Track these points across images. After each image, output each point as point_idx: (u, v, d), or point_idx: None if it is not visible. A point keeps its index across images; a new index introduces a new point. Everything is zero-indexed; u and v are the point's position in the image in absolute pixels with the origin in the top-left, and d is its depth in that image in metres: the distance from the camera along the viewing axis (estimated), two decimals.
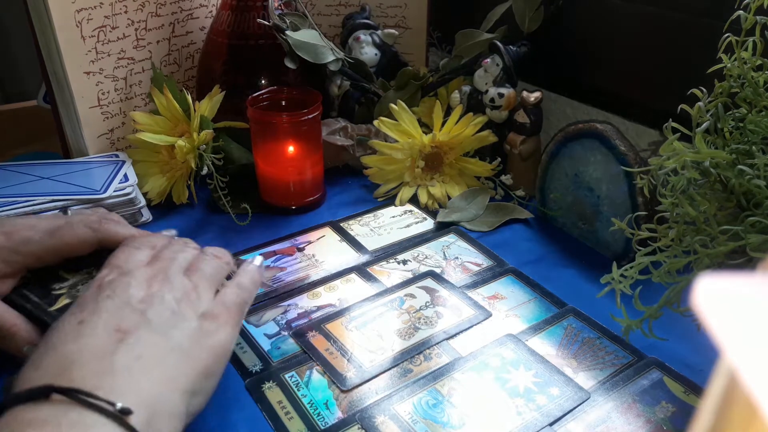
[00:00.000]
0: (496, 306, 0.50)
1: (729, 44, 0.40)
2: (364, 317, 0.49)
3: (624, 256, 0.54)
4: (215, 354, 0.37)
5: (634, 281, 0.39)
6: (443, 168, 0.65)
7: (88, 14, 0.60)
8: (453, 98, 0.68)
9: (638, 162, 0.52)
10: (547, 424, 0.39)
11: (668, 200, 0.39)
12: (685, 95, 0.41)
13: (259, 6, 0.66)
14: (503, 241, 0.59)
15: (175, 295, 0.37)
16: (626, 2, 0.61)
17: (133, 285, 0.37)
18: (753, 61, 0.40)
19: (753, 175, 0.36)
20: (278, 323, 0.48)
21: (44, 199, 0.55)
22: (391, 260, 0.56)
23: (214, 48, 0.68)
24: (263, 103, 0.62)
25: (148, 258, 0.41)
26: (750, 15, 0.39)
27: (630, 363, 0.44)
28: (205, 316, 0.38)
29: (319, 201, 0.65)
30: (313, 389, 0.42)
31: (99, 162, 0.62)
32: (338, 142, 0.67)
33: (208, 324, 0.37)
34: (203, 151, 0.59)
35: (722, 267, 0.37)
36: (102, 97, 0.64)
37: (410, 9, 0.79)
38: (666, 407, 0.41)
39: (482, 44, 0.68)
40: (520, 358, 0.45)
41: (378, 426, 0.39)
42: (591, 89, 0.67)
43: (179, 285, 0.38)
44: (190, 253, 0.42)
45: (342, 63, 0.68)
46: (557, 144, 0.58)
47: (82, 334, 0.33)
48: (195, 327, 0.37)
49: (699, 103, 0.39)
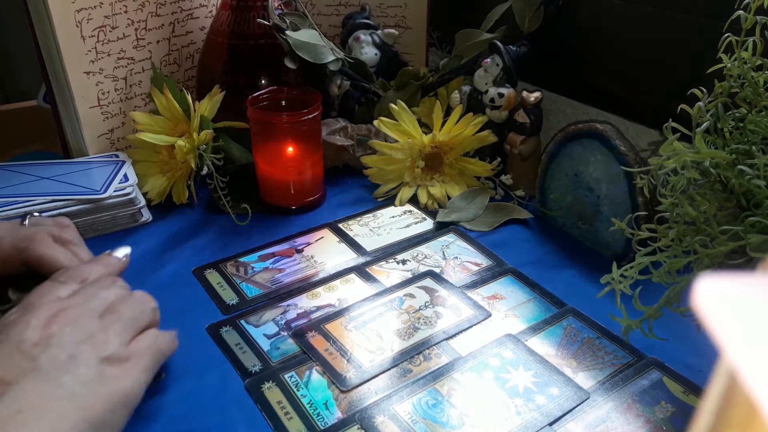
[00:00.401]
0: (496, 306, 0.50)
1: (729, 44, 0.40)
2: (363, 317, 0.48)
3: (624, 256, 0.54)
4: (112, 402, 0.34)
5: (634, 281, 0.39)
6: (443, 168, 0.65)
7: (88, 14, 0.60)
8: (453, 98, 0.68)
9: (638, 162, 0.52)
10: (547, 424, 0.39)
11: (668, 200, 0.39)
12: (685, 95, 0.41)
13: (259, 6, 0.66)
14: (503, 241, 0.59)
15: (76, 337, 0.35)
16: (626, 2, 0.61)
17: (32, 326, 0.35)
18: (753, 61, 0.40)
19: (753, 175, 0.36)
20: (278, 323, 0.48)
21: (44, 199, 0.55)
22: (391, 260, 0.56)
23: (214, 48, 0.68)
24: (263, 103, 0.62)
25: (68, 294, 0.39)
26: (750, 15, 0.39)
27: (630, 363, 0.44)
28: (110, 360, 0.36)
29: (318, 201, 0.65)
30: (313, 389, 0.42)
31: (99, 162, 0.62)
32: (338, 142, 0.67)
33: (111, 369, 0.35)
34: (203, 151, 0.59)
35: (722, 267, 0.37)
36: (102, 97, 0.64)
37: (410, 9, 0.79)
38: (665, 407, 0.41)
39: (482, 44, 0.68)
40: (519, 358, 0.44)
41: (378, 426, 0.39)
42: (591, 89, 0.67)
43: (85, 326, 0.36)
44: (114, 293, 0.40)
45: (342, 63, 0.68)
46: (557, 144, 0.58)
47: None
48: (93, 372, 0.34)
49: (699, 103, 0.39)
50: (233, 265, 0.55)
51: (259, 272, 0.54)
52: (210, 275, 0.53)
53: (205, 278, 0.53)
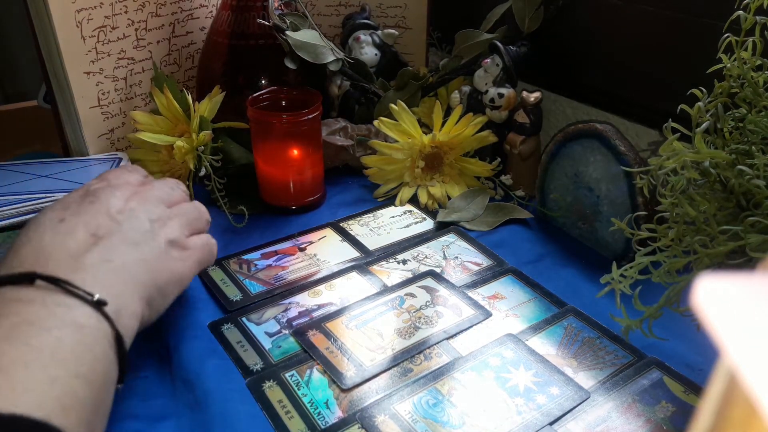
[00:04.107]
0: (496, 306, 0.50)
1: (729, 44, 0.40)
2: (364, 316, 0.49)
3: (624, 256, 0.54)
4: (174, 277, 0.40)
5: (633, 281, 0.39)
6: (443, 168, 0.65)
7: (88, 14, 0.60)
8: (453, 98, 0.68)
9: (638, 162, 0.52)
10: (547, 423, 0.39)
11: (668, 200, 0.39)
12: (685, 95, 0.41)
13: (259, 6, 0.66)
14: (503, 241, 0.59)
15: (150, 216, 0.41)
16: (626, 2, 0.61)
17: (116, 196, 0.40)
18: (753, 61, 0.40)
19: (753, 175, 0.36)
20: (279, 321, 0.48)
21: (44, 197, 0.55)
22: (391, 260, 0.56)
23: (214, 48, 0.68)
24: (263, 103, 0.62)
25: (138, 181, 0.44)
26: (750, 15, 0.39)
27: (630, 363, 0.44)
28: (173, 243, 0.41)
29: (319, 201, 0.65)
30: (314, 388, 0.42)
31: (99, 160, 0.62)
32: (338, 142, 0.67)
33: (174, 251, 0.41)
34: (202, 152, 0.59)
35: (722, 267, 0.37)
36: (102, 97, 0.64)
37: (410, 9, 0.79)
38: (666, 407, 0.41)
39: (482, 44, 0.68)
40: (520, 357, 0.45)
41: (378, 425, 0.39)
42: (591, 89, 0.67)
43: (156, 210, 0.42)
44: (178, 194, 0.46)
45: (342, 63, 0.68)
46: (557, 144, 0.58)
47: (60, 232, 0.37)
48: (162, 248, 0.40)
49: (699, 103, 0.39)
50: (236, 263, 0.55)
51: (263, 269, 0.54)
52: (213, 272, 0.54)
53: (208, 275, 0.53)
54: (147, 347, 0.45)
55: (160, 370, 0.44)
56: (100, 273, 0.35)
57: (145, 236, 0.40)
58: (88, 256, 0.36)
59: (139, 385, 0.42)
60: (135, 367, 0.44)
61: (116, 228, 0.38)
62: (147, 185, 0.44)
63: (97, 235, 0.37)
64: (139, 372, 0.44)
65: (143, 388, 0.42)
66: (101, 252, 0.36)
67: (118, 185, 0.42)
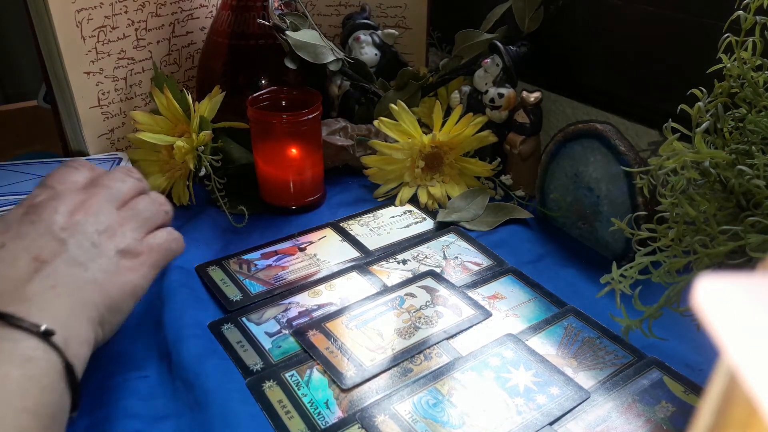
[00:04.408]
0: (496, 306, 0.50)
1: (729, 44, 0.40)
2: (364, 316, 0.49)
3: (624, 256, 0.54)
4: (124, 292, 0.38)
5: (633, 281, 0.39)
6: (443, 168, 0.65)
7: (88, 14, 0.60)
8: (453, 98, 0.68)
9: (638, 162, 0.52)
10: (547, 423, 0.39)
11: (668, 200, 0.39)
12: (685, 95, 0.41)
13: (259, 6, 0.66)
14: (503, 241, 0.59)
15: (98, 228, 0.39)
16: (626, 2, 0.61)
17: (60, 211, 0.38)
18: (753, 61, 0.40)
19: (753, 175, 0.36)
20: (279, 321, 0.48)
21: None
22: (391, 260, 0.56)
23: (214, 48, 0.68)
24: (263, 103, 0.62)
25: (85, 181, 0.41)
26: (750, 15, 0.39)
27: (630, 363, 0.44)
28: (124, 252, 0.39)
29: (319, 201, 0.65)
30: (314, 388, 0.42)
31: (99, 160, 0.62)
32: (338, 142, 0.67)
33: (125, 261, 0.39)
34: (201, 153, 0.59)
35: (722, 267, 0.37)
36: (102, 97, 0.64)
37: (410, 9, 0.79)
38: (666, 407, 0.41)
39: (482, 44, 0.68)
40: (520, 357, 0.45)
41: (378, 425, 0.39)
42: (591, 89, 0.67)
43: (104, 218, 0.39)
44: (129, 186, 0.42)
45: (342, 63, 0.68)
46: (557, 144, 0.58)
47: (2, 260, 0.35)
48: (111, 262, 0.38)
49: (699, 103, 0.39)
50: (236, 263, 0.55)
51: (263, 269, 0.54)
52: (213, 272, 0.54)
53: (208, 275, 0.53)
54: (147, 347, 0.45)
55: (160, 370, 0.44)
56: (46, 301, 0.34)
57: (91, 254, 0.37)
58: (32, 285, 0.34)
59: (139, 385, 0.42)
60: (135, 367, 0.44)
61: (60, 249, 0.36)
62: (95, 185, 0.41)
63: (39, 259, 0.35)
64: (139, 372, 0.44)
65: (143, 388, 0.42)
66: (45, 278, 0.35)
67: (63, 193, 0.39)
